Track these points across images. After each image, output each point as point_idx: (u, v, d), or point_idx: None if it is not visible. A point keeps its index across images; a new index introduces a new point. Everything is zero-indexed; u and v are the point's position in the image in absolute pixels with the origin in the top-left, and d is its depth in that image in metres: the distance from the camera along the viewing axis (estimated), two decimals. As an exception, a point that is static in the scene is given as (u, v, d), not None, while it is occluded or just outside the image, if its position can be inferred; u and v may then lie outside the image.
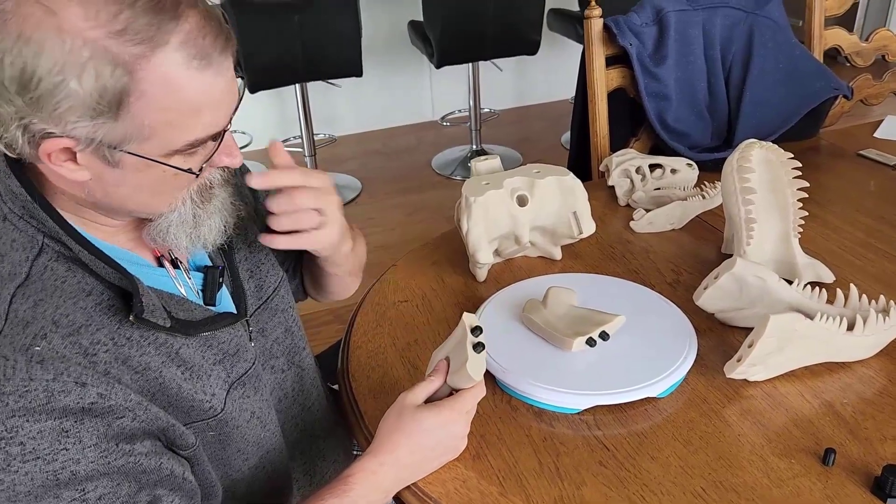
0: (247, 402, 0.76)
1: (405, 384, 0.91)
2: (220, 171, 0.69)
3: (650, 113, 1.40)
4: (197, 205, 0.67)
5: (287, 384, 0.86)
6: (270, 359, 0.83)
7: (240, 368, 0.75)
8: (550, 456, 0.79)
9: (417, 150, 3.58)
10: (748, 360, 0.83)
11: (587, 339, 0.89)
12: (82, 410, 0.58)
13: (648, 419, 0.83)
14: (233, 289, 0.79)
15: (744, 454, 0.78)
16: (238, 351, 0.75)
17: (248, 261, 0.83)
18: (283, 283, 0.87)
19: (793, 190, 1.04)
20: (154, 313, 0.64)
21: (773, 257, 1.05)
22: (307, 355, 0.90)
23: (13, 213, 0.63)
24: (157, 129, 0.58)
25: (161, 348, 0.66)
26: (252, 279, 0.82)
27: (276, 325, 0.84)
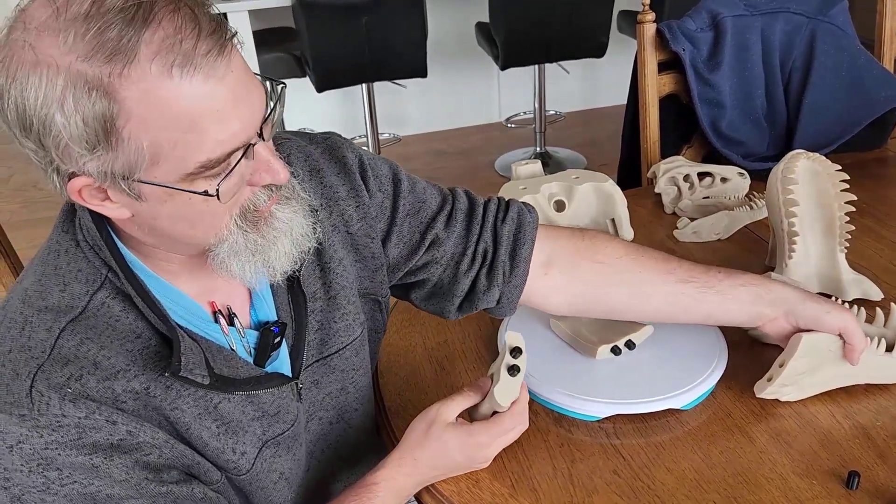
0: (277, 463, 0.73)
1: (430, 383, 0.93)
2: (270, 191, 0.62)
3: (703, 120, 1.38)
4: (247, 231, 0.62)
5: (331, 436, 0.82)
6: (319, 410, 0.79)
7: (277, 429, 0.72)
8: (565, 461, 0.79)
9: (481, 151, 3.59)
10: (779, 380, 0.81)
11: (612, 347, 0.89)
12: (111, 447, 0.59)
13: (669, 431, 0.83)
14: (294, 342, 0.74)
15: (763, 472, 0.76)
16: (279, 412, 0.72)
17: (323, 312, 0.76)
18: (354, 344, 0.79)
19: (840, 203, 1.00)
20: (193, 371, 0.61)
21: (817, 272, 1.02)
22: (360, 415, 0.84)
23: (86, 241, 0.63)
24: (160, 152, 0.54)
25: (199, 401, 0.65)
26: (319, 331, 0.76)
27: (333, 382, 0.79)
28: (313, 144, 0.78)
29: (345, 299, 0.77)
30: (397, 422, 0.87)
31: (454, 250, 0.82)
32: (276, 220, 0.63)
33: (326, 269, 0.76)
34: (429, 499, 0.77)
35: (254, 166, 0.60)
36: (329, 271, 0.76)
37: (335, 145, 0.79)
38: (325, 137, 0.80)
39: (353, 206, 0.77)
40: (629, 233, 1.08)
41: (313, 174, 0.76)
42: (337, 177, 0.77)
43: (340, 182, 0.77)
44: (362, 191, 0.77)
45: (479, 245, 0.83)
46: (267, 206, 0.62)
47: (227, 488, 0.70)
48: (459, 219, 0.83)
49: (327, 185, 0.76)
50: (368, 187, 0.78)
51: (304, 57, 2.77)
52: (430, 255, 0.82)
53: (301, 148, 0.77)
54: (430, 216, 0.82)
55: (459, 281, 0.83)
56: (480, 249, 0.83)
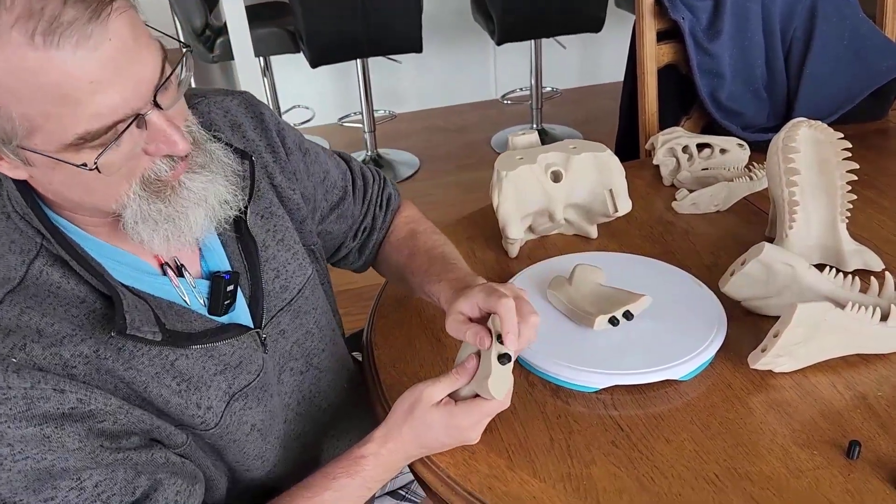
0: (248, 415, 0.73)
1: (426, 356, 0.91)
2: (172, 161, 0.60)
3: (702, 90, 1.36)
4: (150, 200, 0.60)
5: (305, 386, 0.83)
6: (290, 361, 0.80)
7: (242, 380, 0.71)
8: (563, 433, 0.78)
9: (477, 128, 3.56)
10: (773, 351, 0.80)
11: (610, 317, 0.87)
12: (62, 416, 0.58)
13: (668, 402, 0.81)
14: (251, 293, 0.74)
15: (764, 443, 0.75)
16: (242, 362, 0.71)
17: (276, 259, 0.78)
18: (310, 283, 0.82)
19: (841, 172, 0.98)
20: (141, 328, 0.60)
21: (818, 242, 1.01)
22: (328, 357, 0.86)
23: (16, 212, 0.61)
24: (34, 122, 0.52)
25: (155, 360, 0.64)
26: (277, 279, 0.77)
27: (298, 328, 0.80)
28: (230, 97, 0.80)
29: (291, 239, 0.80)
30: (392, 395, 0.85)
31: (352, 222, 0.95)
32: (185, 191, 0.61)
33: (267, 214, 0.78)
34: (425, 471, 0.76)
35: (149, 136, 0.57)
36: (271, 216, 0.79)
37: (251, 100, 0.81)
38: (241, 92, 0.82)
39: (272, 160, 0.80)
40: (627, 204, 1.06)
41: (234, 129, 0.78)
42: (254, 131, 0.80)
43: (258, 136, 0.80)
44: (279, 148, 0.81)
45: (364, 222, 0.96)
46: (171, 175, 0.60)
47: (194, 450, 0.69)
48: (360, 194, 0.94)
49: (248, 138, 0.79)
50: (286, 147, 0.82)
51: (297, 32, 2.73)
52: (335, 227, 0.92)
53: (218, 103, 0.78)
54: (338, 188, 0.91)
55: (340, 250, 0.96)
56: (363, 227, 0.96)
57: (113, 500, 0.61)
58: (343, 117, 3.54)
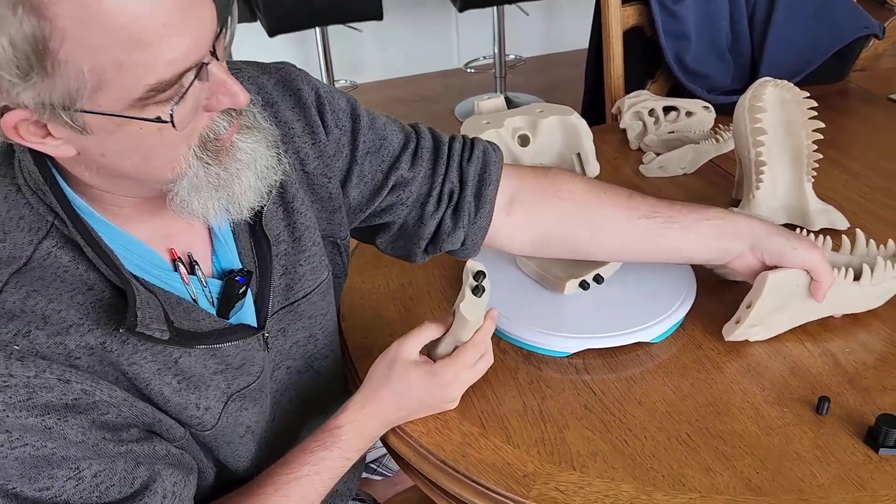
0: (244, 416, 0.70)
1: (396, 325, 0.90)
2: (230, 117, 0.57)
3: (667, 53, 1.35)
4: (209, 164, 0.56)
5: (300, 386, 0.79)
6: (287, 359, 0.75)
7: (242, 381, 0.68)
8: (535, 398, 0.77)
9: (441, 98, 3.52)
10: (747, 321, 0.79)
11: (580, 281, 0.87)
12: (65, 407, 0.55)
13: (639, 364, 0.81)
14: (259, 290, 0.69)
15: (735, 402, 0.75)
16: (244, 364, 0.68)
17: (288, 256, 0.71)
18: (320, 289, 0.75)
19: (808, 132, 0.98)
20: (150, 326, 0.57)
21: (784, 202, 1.01)
22: (330, 363, 0.81)
23: (28, 186, 0.57)
24: (104, 76, 0.48)
25: (158, 356, 0.61)
26: (284, 276, 0.71)
27: (300, 329, 0.75)
28: (266, 75, 0.72)
29: (310, 240, 0.73)
30: (362, 364, 0.84)
31: (420, 191, 0.78)
32: (238, 151, 0.58)
33: (289, 209, 0.71)
34: (396, 441, 0.75)
35: (209, 89, 0.54)
36: (292, 211, 0.71)
37: (289, 77, 0.73)
38: (278, 68, 0.74)
39: (310, 143, 0.72)
40: (595, 167, 1.05)
41: (267, 108, 0.70)
42: (291, 111, 0.72)
43: (295, 117, 0.72)
44: (318, 128, 0.72)
45: (446, 185, 0.79)
46: (228, 133, 0.57)
47: (190, 444, 0.67)
48: (425, 157, 0.79)
49: (282, 120, 0.71)
50: (325, 123, 0.73)
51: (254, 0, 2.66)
52: (395, 195, 0.78)
53: (253, 79, 0.71)
54: (393, 155, 0.77)
55: (426, 223, 0.79)
56: (447, 190, 0.79)
57: (112, 492, 0.58)
58: (304, 88, 3.46)
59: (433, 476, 0.71)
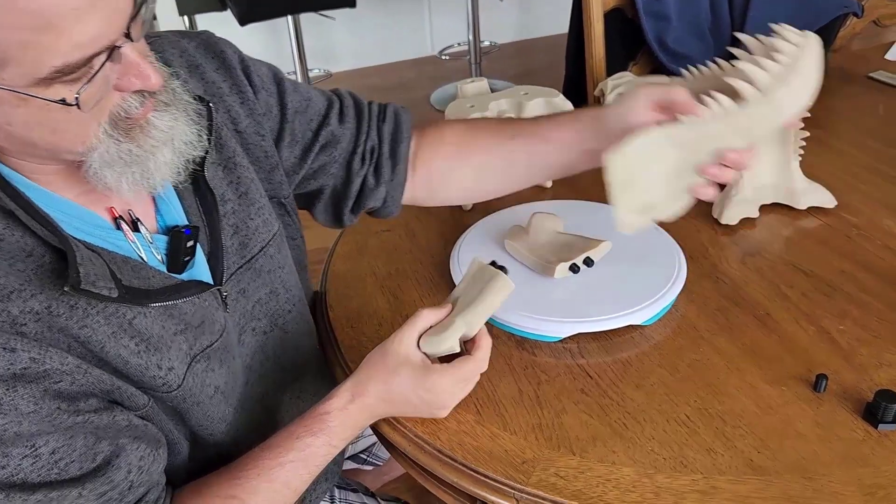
0: (211, 377, 0.68)
1: (385, 314, 0.88)
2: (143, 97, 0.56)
3: (649, 34, 1.33)
4: (119, 140, 0.55)
5: (269, 347, 0.78)
6: (251, 321, 0.75)
7: (204, 340, 0.67)
8: (531, 384, 0.76)
9: (416, 86, 3.49)
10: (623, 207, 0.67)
11: (570, 265, 0.85)
12: (14, 377, 0.53)
13: (635, 347, 0.80)
14: (210, 248, 0.69)
15: (732, 381, 0.74)
16: (203, 322, 0.66)
17: (237, 214, 0.71)
18: (275, 241, 0.76)
19: (795, 109, 0.98)
20: (96, 283, 0.55)
21: (770, 181, 1.00)
22: (294, 318, 0.80)
23: None
24: (9, 54, 0.47)
25: (111, 318, 0.58)
26: (236, 235, 0.71)
27: (260, 287, 0.75)
28: (187, 38, 0.73)
29: (256, 193, 0.74)
30: (352, 355, 0.82)
31: (347, 148, 0.82)
32: (153, 129, 0.57)
33: (230, 165, 0.72)
34: (391, 432, 0.73)
35: (121, 70, 0.53)
36: (234, 167, 0.72)
37: (211, 40, 0.74)
38: (198, 33, 0.75)
39: (238, 102, 0.73)
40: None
41: (192, 70, 0.71)
42: (216, 73, 0.73)
43: (221, 78, 0.73)
44: (246, 87, 0.74)
45: (368, 143, 0.83)
46: (141, 112, 0.56)
47: (156, 412, 0.65)
48: (350, 115, 0.83)
49: (209, 80, 0.72)
50: (252, 84, 0.75)
51: (223, -13, 2.60)
52: (326, 154, 0.81)
53: (174, 43, 0.71)
54: (320, 113, 0.81)
55: (352, 181, 0.83)
56: (369, 147, 0.83)
57: (72, 468, 0.56)
58: (276, 78, 3.41)
59: (429, 465, 0.70)
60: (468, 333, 0.69)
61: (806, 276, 0.89)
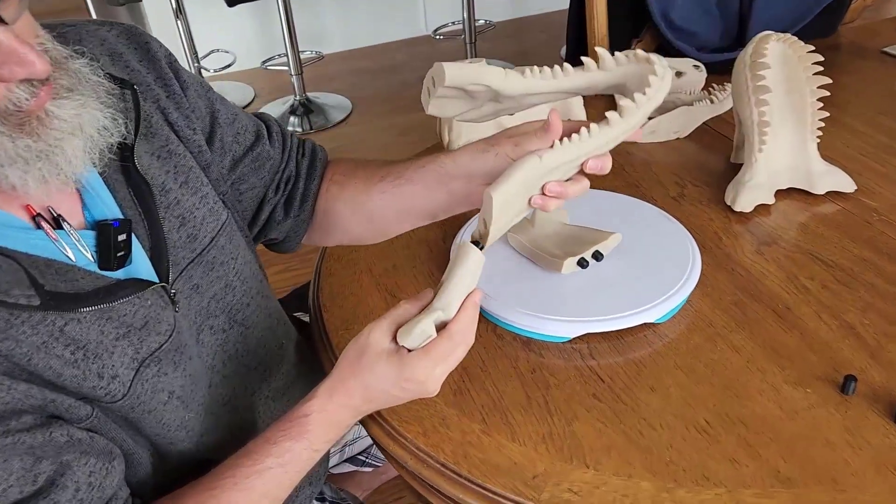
0: (163, 381, 0.63)
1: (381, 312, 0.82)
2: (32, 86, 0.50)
3: (653, 9, 1.27)
4: (13, 136, 0.50)
5: (230, 345, 0.73)
6: (209, 318, 0.70)
7: (152, 343, 0.61)
8: (539, 389, 0.71)
9: (410, 67, 3.42)
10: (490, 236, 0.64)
11: (579, 259, 0.80)
12: None
13: (648, 346, 0.75)
14: (152, 244, 0.63)
15: (754, 383, 0.70)
16: (147, 323, 0.61)
17: (181, 204, 0.66)
18: (225, 230, 0.71)
19: (812, 89, 0.93)
20: (10, 292, 0.51)
21: (787, 164, 0.95)
22: (254, 312, 0.76)
23: None
24: None
25: (38, 327, 0.53)
26: (183, 227, 0.66)
27: (214, 281, 0.70)
28: (106, 27, 0.68)
29: (197, 181, 0.68)
30: (347, 360, 0.77)
31: (271, 172, 0.79)
32: (55, 120, 0.52)
33: (165, 154, 0.66)
34: (390, 443, 0.68)
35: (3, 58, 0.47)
36: (170, 155, 0.66)
37: (135, 31, 0.69)
38: (120, 23, 0.70)
39: (164, 95, 0.68)
40: (587, 134, 0.98)
41: (115, 58, 0.66)
42: (140, 63, 0.68)
43: (146, 69, 0.68)
44: (172, 81, 0.69)
45: (286, 172, 0.81)
46: (35, 104, 0.50)
47: (104, 423, 0.60)
48: (278, 141, 0.81)
49: (133, 69, 0.67)
50: (181, 80, 0.70)
51: (209, -32, 2.52)
52: (251, 174, 0.78)
53: (93, 32, 0.66)
54: (250, 131, 0.78)
55: (263, 208, 0.80)
56: (286, 177, 0.81)
57: (10, 493, 0.51)
58: (267, 60, 3.33)
59: (433, 480, 0.65)
60: (446, 316, 0.63)
61: (826, 265, 0.84)
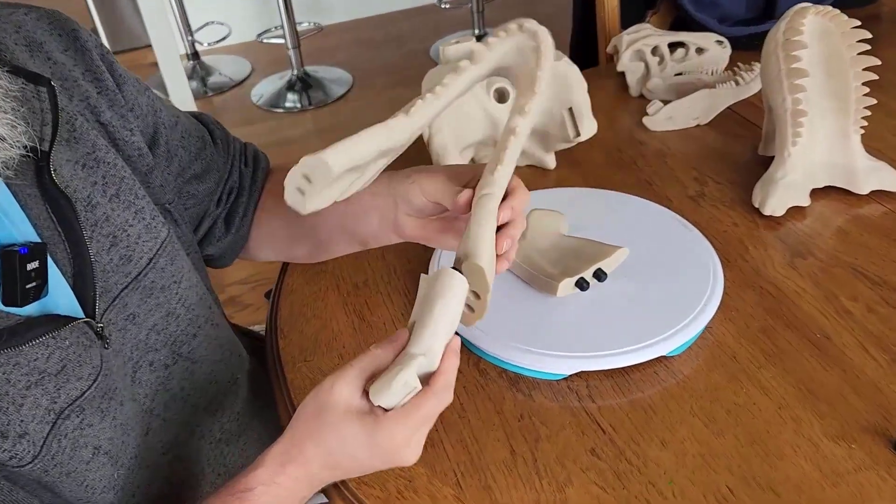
0: (88, 435, 0.53)
1: (346, 341, 0.71)
2: None
3: (670, -23, 1.13)
4: None
5: (173, 383, 0.64)
6: (147, 353, 0.61)
7: (71, 391, 0.52)
8: (527, 442, 0.59)
9: (414, 38, 3.27)
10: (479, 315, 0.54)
11: (577, 280, 0.68)
12: None
13: (658, 384, 0.63)
14: (76, 269, 0.54)
15: (786, 436, 0.58)
16: (66, 367, 0.52)
17: (111, 221, 0.57)
18: (166, 249, 0.61)
19: (857, 71, 0.79)
20: None
21: (825, 160, 0.82)
22: (201, 344, 0.66)
23: None
24: None
25: None
26: (115, 248, 0.57)
27: (154, 309, 0.61)
28: (23, 11, 0.59)
29: (130, 192, 0.59)
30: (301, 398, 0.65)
31: (215, 181, 0.71)
32: None
33: (91, 162, 0.56)
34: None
35: None
36: (97, 164, 0.57)
37: (59, 16, 0.60)
38: (40, 7, 0.60)
39: (95, 91, 0.59)
40: (591, 125, 0.85)
41: (33, 49, 0.57)
42: (65, 54, 0.59)
43: (72, 61, 0.59)
44: (105, 75, 0.60)
45: (229, 183, 0.73)
46: None
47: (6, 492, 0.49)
48: (221, 146, 0.73)
49: (57, 61, 0.57)
50: (115, 74, 0.61)
51: (197, -65, 2.38)
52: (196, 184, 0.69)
53: (5, 17, 0.57)
54: (193, 135, 0.70)
55: (203, 223, 0.72)
56: (228, 188, 0.73)
57: None
58: (263, 33, 3.19)
59: (395, 559, 0.54)
60: (430, 364, 0.51)
61: (871, 283, 0.71)
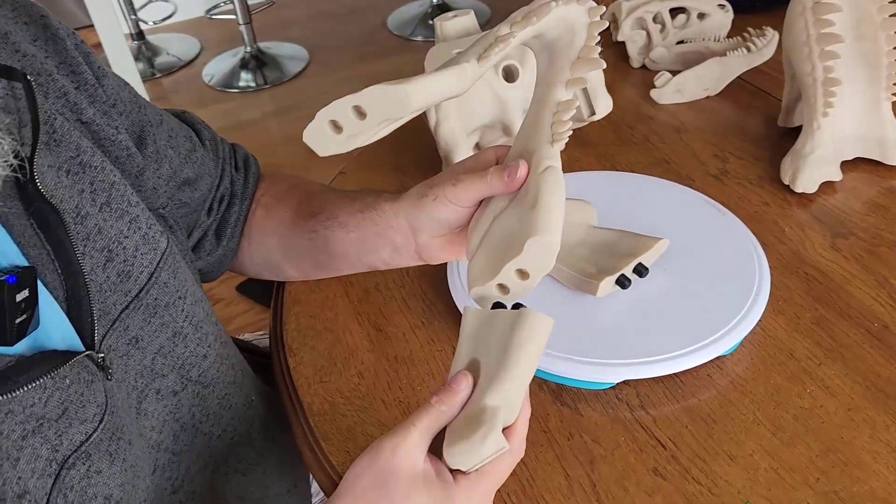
0: (96, 484, 0.46)
1: (365, 356, 0.64)
2: None
3: (666, -62, 1.06)
4: None
5: (183, 411, 0.56)
6: (154, 379, 0.54)
7: (76, 434, 0.45)
8: (581, 464, 0.54)
9: (371, 9, 3.15)
10: None
11: (618, 277, 0.62)
12: None
13: (712, 387, 0.58)
14: (69, 291, 0.47)
15: (862, 442, 0.53)
16: (67, 410, 0.45)
17: (104, 234, 0.49)
18: (167, 261, 0.54)
19: (888, 34, 0.74)
20: None
21: (856, 132, 0.77)
22: (213, 365, 0.59)
23: None
24: None
25: None
26: (111, 264, 0.50)
27: (158, 330, 0.54)
28: None
29: (123, 201, 0.52)
30: (319, 422, 0.58)
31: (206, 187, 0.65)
32: None
33: (77, 165, 0.49)
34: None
35: None
36: (83, 169, 0.49)
37: (25, 3, 0.53)
38: None
39: (73, 85, 0.52)
40: (607, 103, 0.79)
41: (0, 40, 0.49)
42: (34, 44, 0.51)
43: (43, 52, 0.52)
44: (82, 67, 0.53)
45: (221, 189, 0.67)
46: None
47: None
48: (211, 149, 0.67)
49: (25, 53, 0.50)
50: (92, 66, 0.54)
51: None
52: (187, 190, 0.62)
53: None
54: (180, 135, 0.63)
55: (193, 233, 0.65)
56: (219, 195, 0.67)
57: None
58: (212, 9, 3.03)
59: None
60: (508, 417, 0.46)
61: (920, 262, 0.67)
